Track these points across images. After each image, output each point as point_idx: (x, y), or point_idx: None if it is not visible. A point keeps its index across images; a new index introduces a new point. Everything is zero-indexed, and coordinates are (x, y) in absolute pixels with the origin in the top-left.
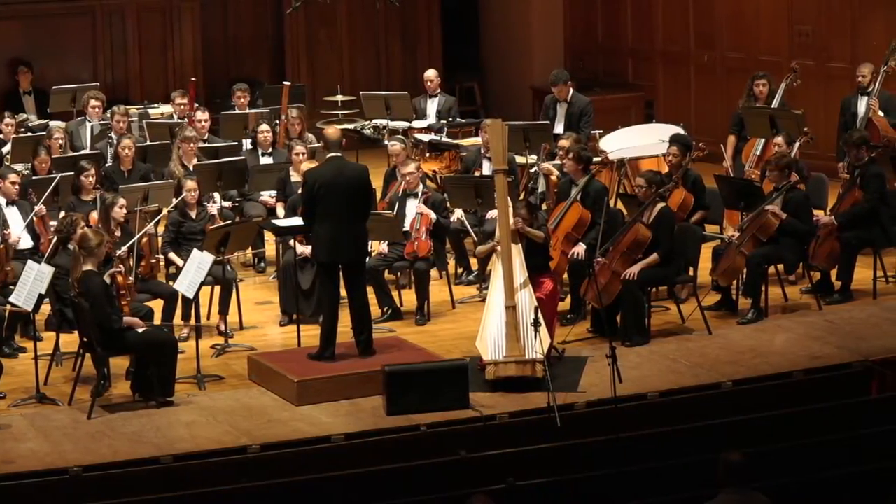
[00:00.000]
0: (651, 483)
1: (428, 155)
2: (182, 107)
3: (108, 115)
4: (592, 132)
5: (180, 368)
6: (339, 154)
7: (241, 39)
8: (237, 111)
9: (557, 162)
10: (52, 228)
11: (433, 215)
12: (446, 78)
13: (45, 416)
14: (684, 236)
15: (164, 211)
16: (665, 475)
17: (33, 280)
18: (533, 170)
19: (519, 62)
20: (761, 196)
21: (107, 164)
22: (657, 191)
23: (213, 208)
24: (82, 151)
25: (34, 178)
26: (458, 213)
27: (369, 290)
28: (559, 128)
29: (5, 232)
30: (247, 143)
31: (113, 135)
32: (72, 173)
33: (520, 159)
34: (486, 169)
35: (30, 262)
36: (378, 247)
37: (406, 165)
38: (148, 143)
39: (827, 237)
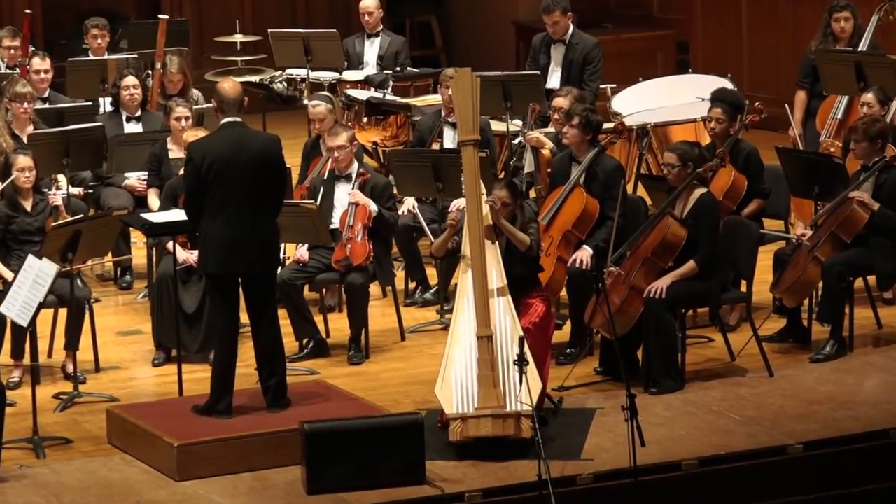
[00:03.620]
0: None
1: (366, 120)
2: (12, 51)
3: None
4: (602, 87)
5: (9, 428)
6: (238, 119)
7: None
8: (91, 58)
9: (552, 130)
10: None
11: (373, 206)
12: (392, 10)
13: None
14: (734, 236)
15: None
16: None
17: None
18: (517, 141)
19: None
20: (844, 178)
21: None
22: (694, 171)
23: (56, 197)
24: None
25: None
26: (410, 204)
27: (282, 313)
28: (554, 80)
29: None
30: (105, 104)
31: None
32: None
33: (497, 126)
34: (449, 140)
35: None
36: (294, 252)
37: (335, 136)
38: None
39: None
